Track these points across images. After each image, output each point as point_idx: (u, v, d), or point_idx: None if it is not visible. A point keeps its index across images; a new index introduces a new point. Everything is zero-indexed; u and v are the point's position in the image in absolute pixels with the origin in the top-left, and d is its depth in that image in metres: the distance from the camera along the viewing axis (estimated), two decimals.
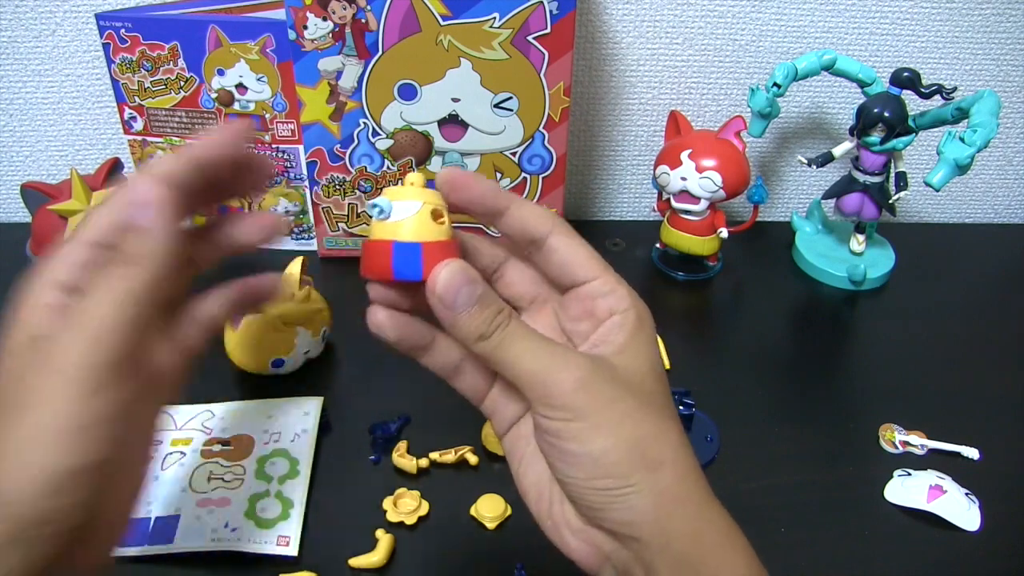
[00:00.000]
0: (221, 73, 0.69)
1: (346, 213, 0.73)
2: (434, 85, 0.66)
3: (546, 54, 0.65)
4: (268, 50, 0.67)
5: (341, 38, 0.64)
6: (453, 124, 0.68)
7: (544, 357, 0.32)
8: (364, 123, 0.68)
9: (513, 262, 0.37)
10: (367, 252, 0.34)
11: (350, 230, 0.74)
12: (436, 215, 0.35)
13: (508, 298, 0.36)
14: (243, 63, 0.68)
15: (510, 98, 0.67)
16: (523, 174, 0.71)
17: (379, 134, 0.68)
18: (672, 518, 0.31)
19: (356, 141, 0.69)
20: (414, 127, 0.68)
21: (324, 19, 0.63)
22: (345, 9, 0.62)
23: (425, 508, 0.51)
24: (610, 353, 0.33)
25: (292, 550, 0.48)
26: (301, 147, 0.71)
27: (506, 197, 0.35)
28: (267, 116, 0.70)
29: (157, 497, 0.50)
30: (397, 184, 0.59)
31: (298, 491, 0.52)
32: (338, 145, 0.69)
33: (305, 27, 0.63)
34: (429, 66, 0.65)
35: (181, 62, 0.68)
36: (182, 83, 0.69)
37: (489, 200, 0.34)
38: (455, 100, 0.67)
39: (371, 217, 0.34)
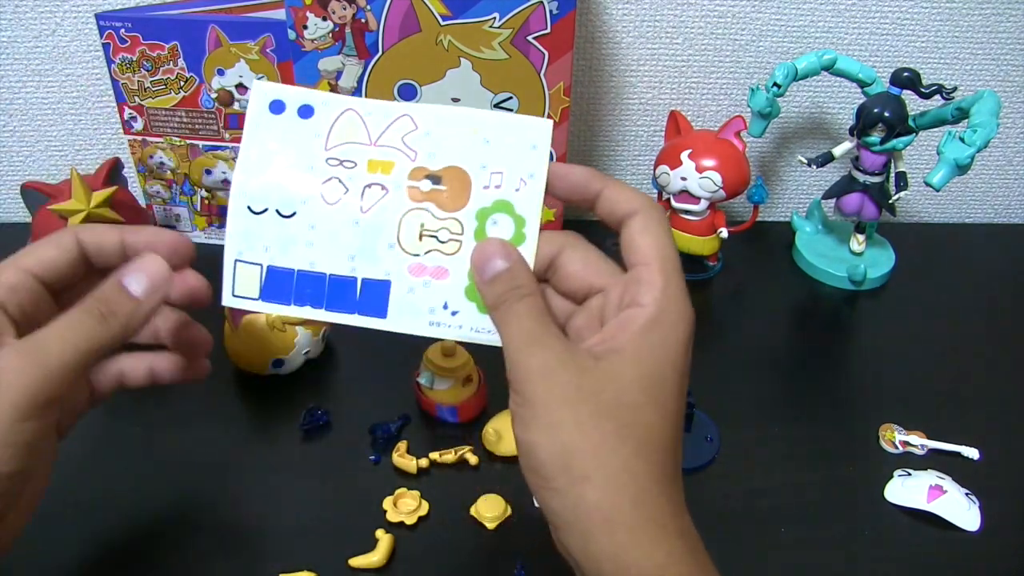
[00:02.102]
0: (221, 73, 0.69)
1: None
2: (434, 85, 0.66)
3: (546, 54, 0.65)
4: (268, 50, 0.67)
5: (341, 38, 0.64)
6: None
7: (524, 339, 0.32)
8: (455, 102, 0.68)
9: (575, 250, 0.37)
10: (423, 401, 0.58)
11: None
12: (466, 380, 0.56)
13: (566, 291, 0.37)
14: (243, 63, 0.68)
15: (510, 98, 0.67)
16: None
17: None
18: (598, 540, 0.30)
19: None
20: None
21: (324, 19, 0.63)
22: (345, 9, 0.62)
23: (425, 508, 0.51)
24: (604, 352, 0.32)
25: None
26: None
27: (599, 182, 0.36)
28: None
29: (361, 249, 0.38)
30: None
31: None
32: None
33: (305, 27, 0.63)
34: (429, 66, 0.65)
35: (181, 62, 0.68)
36: (182, 83, 0.69)
37: (579, 190, 0.36)
38: (455, 100, 0.67)
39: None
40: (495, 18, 0.63)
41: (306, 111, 0.39)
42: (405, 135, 0.40)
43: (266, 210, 0.38)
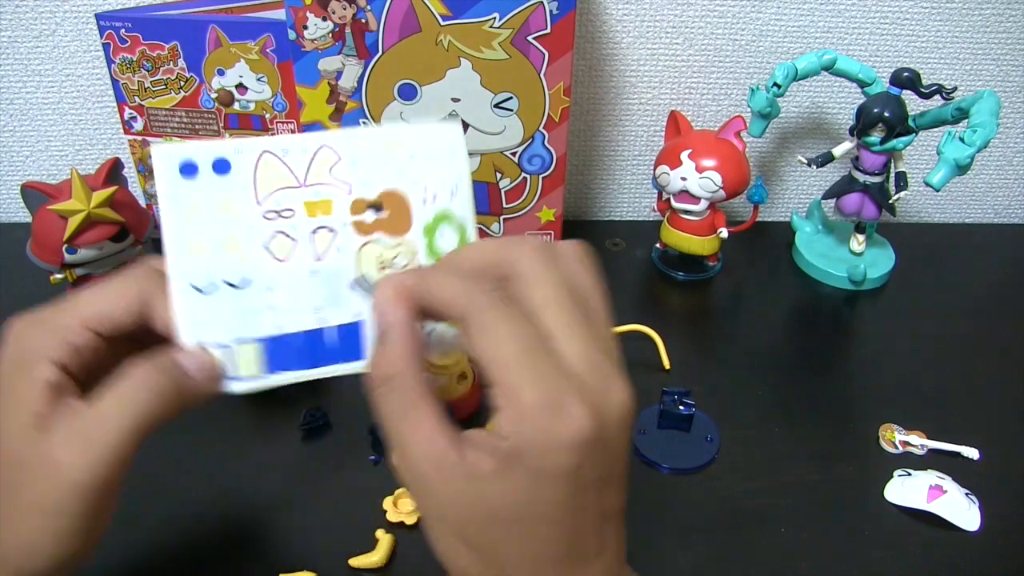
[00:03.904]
0: (221, 73, 0.69)
1: None
2: (434, 85, 0.66)
3: (546, 54, 0.65)
4: (268, 50, 0.67)
5: (341, 38, 0.64)
6: None
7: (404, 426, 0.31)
8: (364, 123, 0.68)
9: None
10: None
11: None
12: (460, 378, 0.56)
13: None
14: (243, 63, 0.68)
15: (510, 98, 0.67)
16: (523, 174, 0.71)
17: None
18: None
19: None
20: None
21: (324, 19, 0.63)
22: (345, 9, 0.62)
23: None
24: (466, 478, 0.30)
25: None
26: None
27: (420, 285, 0.32)
28: (267, 116, 0.70)
29: (326, 298, 0.37)
30: None
31: None
32: None
33: (305, 27, 0.63)
34: (429, 66, 0.65)
35: (181, 62, 0.68)
36: (182, 83, 0.69)
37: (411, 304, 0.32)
38: (455, 100, 0.67)
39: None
40: (495, 18, 0.63)
41: (222, 166, 0.36)
42: (332, 167, 0.38)
43: (215, 286, 0.36)
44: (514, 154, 0.70)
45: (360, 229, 0.37)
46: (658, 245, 0.78)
